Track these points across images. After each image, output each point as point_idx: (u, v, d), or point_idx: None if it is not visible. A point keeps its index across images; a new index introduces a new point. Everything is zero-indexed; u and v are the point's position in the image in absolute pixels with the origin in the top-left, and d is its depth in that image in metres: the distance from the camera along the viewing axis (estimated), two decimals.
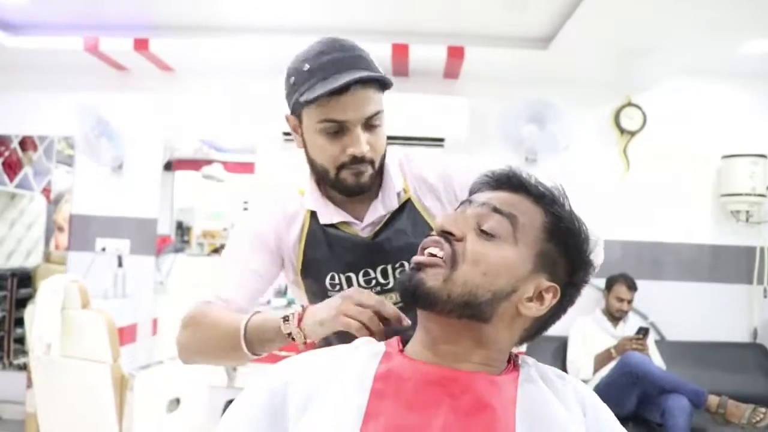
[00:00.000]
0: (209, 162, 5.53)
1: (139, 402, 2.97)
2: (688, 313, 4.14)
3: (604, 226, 4.71)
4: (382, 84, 1.27)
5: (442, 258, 0.90)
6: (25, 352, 4.14)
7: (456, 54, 3.81)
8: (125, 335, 3.85)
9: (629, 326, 3.85)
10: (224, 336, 1.23)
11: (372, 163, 1.31)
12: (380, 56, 3.83)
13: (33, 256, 4.53)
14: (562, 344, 3.95)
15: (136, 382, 2.97)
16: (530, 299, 0.92)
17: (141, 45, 3.85)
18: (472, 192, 1.02)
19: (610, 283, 3.91)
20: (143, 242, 4.31)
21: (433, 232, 0.95)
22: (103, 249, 4.27)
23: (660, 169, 4.20)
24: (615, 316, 3.86)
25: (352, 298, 1.09)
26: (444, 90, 4.18)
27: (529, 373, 0.94)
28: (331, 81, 1.21)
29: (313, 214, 1.40)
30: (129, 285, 4.18)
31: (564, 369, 3.72)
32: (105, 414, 2.98)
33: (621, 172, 4.23)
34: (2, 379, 4.33)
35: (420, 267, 0.92)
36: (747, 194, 3.98)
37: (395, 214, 1.40)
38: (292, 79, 1.28)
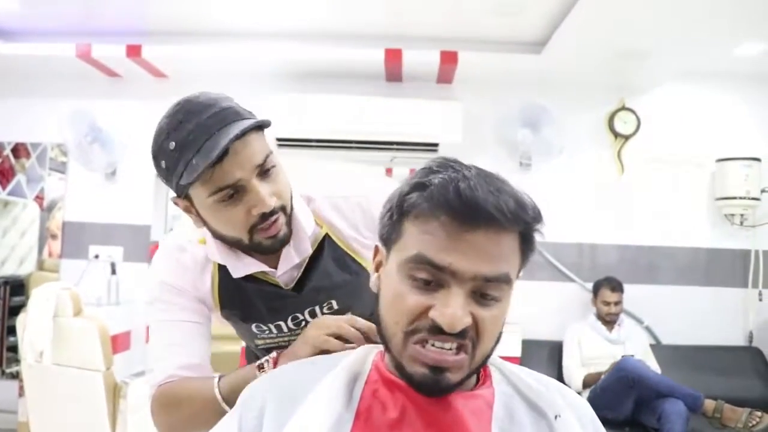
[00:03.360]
0: None
1: (133, 410, 2.96)
2: (683, 316, 4.13)
3: (599, 230, 4.71)
4: (261, 125, 1.15)
5: (466, 353, 0.82)
6: (17, 361, 4.11)
7: (449, 59, 3.81)
8: (118, 343, 3.82)
9: (624, 330, 3.84)
10: (204, 409, 1.18)
11: (283, 209, 1.19)
12: (373, 61, 3.85)
13: (26, 264, 4.50)
14: (556, 349, 3.94)
15: (129, 390, 2.96)
16: None
17: (133, 51, 3.84)
18: (410, 213, 0.83)
19: (596, 289, 3.92)
20: (137, 249, 4.29)
21: (431, 320, 0.80)
22: (97, 256, 4.24)
23: (654, 172, 4.21)
24: (606, 320, 3.85)
25: (327, 327, 1.08)
26: (438, 95, 4.17)
27: (501, 384, 0.93)
28: (207, 151, 1.07)
29: (223, 266, 1.28)
30: (122, 292, 4.15)
31: (559, 376, 3.72)
32: (98, 422, 2.96)
33: (615, 176, 4.23)
34: None
35: (443, 369, 0.81)
36: (741, 198, 3.98)
37: (315, 255, 1.31)
38: (163, 162, 1.13)
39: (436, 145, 3.93)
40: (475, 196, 0.77)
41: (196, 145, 1.08)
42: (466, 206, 0.77)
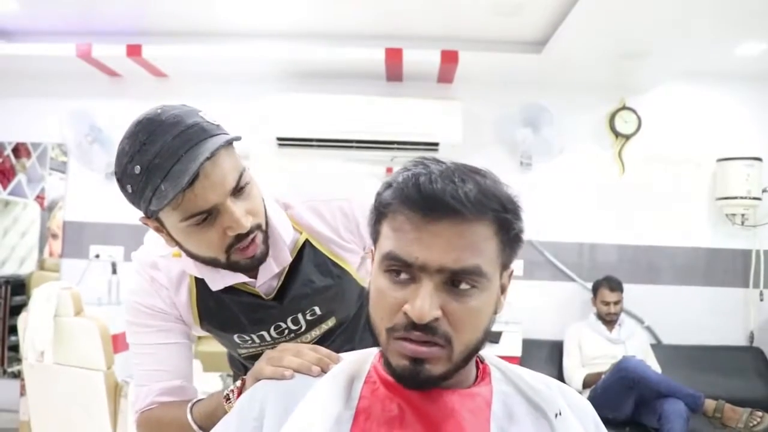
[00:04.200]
0: None
1: (134, 409, 2.95)
2: (684, 316, 4.13)
3: (599, 230, 4.69)
4: (230, 141, 1.09)
5: (442, 346, 0.81)
6: (18, 360, 4.11)
7: (450, 58, 3.81)
8: (119, 342, 3.81)
9: (625, 330, 3.84)
10: None
11: (259, 227, 1.15)
12: (374, 61, 3.85)
13: (27, 264, 4.50)
14: (556, 349, 3.94)
15: (130, 390, 2.95)
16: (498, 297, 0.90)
17: (134, 51, 3.84)
18: (384, 212, 0.84)
19: (595, 288, 3.92)
20: (137, 249, 4.28)
21: (405, 315, 0.80)
22: (97, 256, 4.25)
23: (655, 172, 4.20)
24: (606, 320, 3.85)
25: (281, 360, 0.97)
26: (438, 94, 4.17)
27: (500, 383, 0.92)
28: (175, 176, 1.01)
29: (200, 278, 1.24)
30: (123, 292, 4.14)
31: (559, 375, 3.72)
32: (99, 421, 2.96)
33: (616, 176, 4.23)
34: None
35: (422, 360, 0.81)
36: (742, 197, 3.97)
37: (296, 262, 1.28)
38: (129, 187, 1.06)
39: (436, 144, 3.93)
40: (432, 188, 0.77)
41: (163, 169, 1.02)
42: (424, 199, 0.77)
